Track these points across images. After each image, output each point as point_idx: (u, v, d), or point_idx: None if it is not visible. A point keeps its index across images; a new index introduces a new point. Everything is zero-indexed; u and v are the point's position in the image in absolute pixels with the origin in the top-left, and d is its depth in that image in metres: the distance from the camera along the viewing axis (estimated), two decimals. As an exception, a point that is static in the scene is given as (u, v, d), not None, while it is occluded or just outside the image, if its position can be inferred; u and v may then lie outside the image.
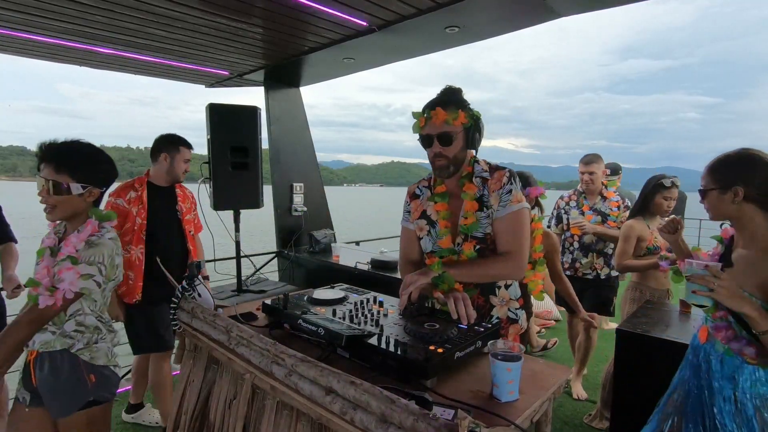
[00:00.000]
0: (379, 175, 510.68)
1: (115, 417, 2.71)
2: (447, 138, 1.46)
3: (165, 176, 2.46)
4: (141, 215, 2.36)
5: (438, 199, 1.57)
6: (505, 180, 1.48)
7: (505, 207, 1.47)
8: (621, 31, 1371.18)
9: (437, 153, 1.48)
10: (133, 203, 2.35)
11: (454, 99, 1.49)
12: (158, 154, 2.42)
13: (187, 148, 2.49)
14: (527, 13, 2.48)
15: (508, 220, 1.47)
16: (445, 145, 1.47)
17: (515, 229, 1.47)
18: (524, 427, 0.98)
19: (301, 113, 4.29)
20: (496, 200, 1.48)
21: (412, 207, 1.66)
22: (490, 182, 1.50)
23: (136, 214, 2.35)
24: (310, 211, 4.22)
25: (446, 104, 1.46)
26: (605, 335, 4.08)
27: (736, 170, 1.30)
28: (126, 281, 2.34)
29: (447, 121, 1.44)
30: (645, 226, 2.52)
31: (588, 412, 2.78)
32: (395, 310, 1.46)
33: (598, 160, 3.00)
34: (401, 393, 0.91)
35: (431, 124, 1.47)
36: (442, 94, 1.51)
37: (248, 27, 2.74)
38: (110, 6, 2.40)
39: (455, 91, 1.52)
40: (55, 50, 3.23)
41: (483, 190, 1.50)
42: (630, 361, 1.96)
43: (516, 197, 1.47)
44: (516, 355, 1.07)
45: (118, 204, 2.31)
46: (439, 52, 3.23)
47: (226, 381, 1.40)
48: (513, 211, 1.46)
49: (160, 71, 3.86)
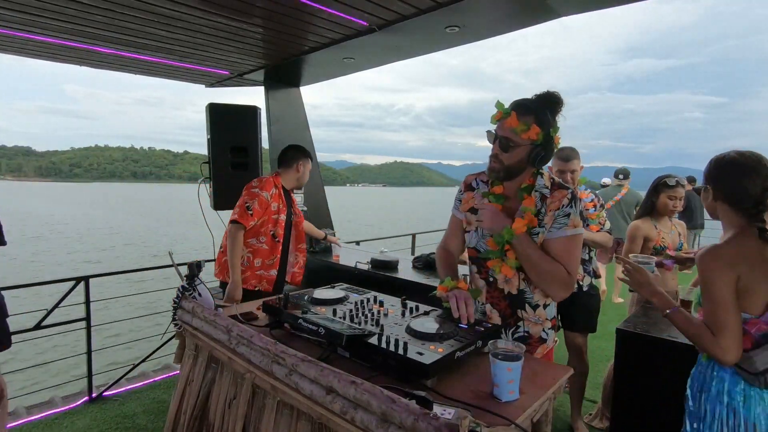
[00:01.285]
0: (382, 175, 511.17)
1: (115, 416, 2.72)
2: (507, 145, 1.40)
3: (294, 182, 2.74)
4: (282, 212, 2.62)
5: (493, 199, 1.50)
6: (565, 202, 1.41)
7: (560, 230, 1.41)
8: (626, 31, 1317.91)
9: (494, 154, 1.44)
10: (274, 199, 2.58)
11: (538, 110, 1.39)
12: (293, 162, 2.69)
13: (312, 160, 2.82)
14: (527, 12, 2.47)
15: (561, 244, 1.41)
16: (504, 151, 1.41)
17: (566, 253, 1.41)
18: (524, 426, 0.98)
19: (302, 113, 4.29)
20: (550, 220, 1.42)
21: (465, 197, 1.60)
22: (549, 200, 1.43)
23: (277, 210, 2.59)
24: (311, 211, 4.21)
25: (526, 112, 1.38)
26: (605, 335, 4.08)
27: (709, 171, 1.36)
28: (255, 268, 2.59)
29: (515, 129, 1.37)
30: (652, 226, 2.48)
31: (588, 412, 2.79)
32: (395, 309, 1.46)
33: (577, 155, 2.59)
34: (402, 392, 0.91)
35: (502, 123, 1.41)
36: (535, 100, 1.42)
37: (248, 27, 2.74)
38: (110, 5, 2.40)
39: (549, 101, 1.41)
40: (55, 50, 3.23)
41: (541, 207, 1.43)
42: (630, 361, 1.95)
43: (573, 222, 1.41)
44: (516, 354, 1.07)
45: (263, 195, 2.51)
46: (440, 51, 3.23)
47: (227, 380, 1.40)
48: (567, 236, 1.40)
49: (161, 71, 3.86)
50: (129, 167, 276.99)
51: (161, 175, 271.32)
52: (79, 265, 13.93)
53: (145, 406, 2.84)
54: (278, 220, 2.60)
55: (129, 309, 7.01)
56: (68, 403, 2.86)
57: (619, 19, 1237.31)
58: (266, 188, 2.54)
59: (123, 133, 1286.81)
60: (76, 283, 2.92)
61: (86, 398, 2.91)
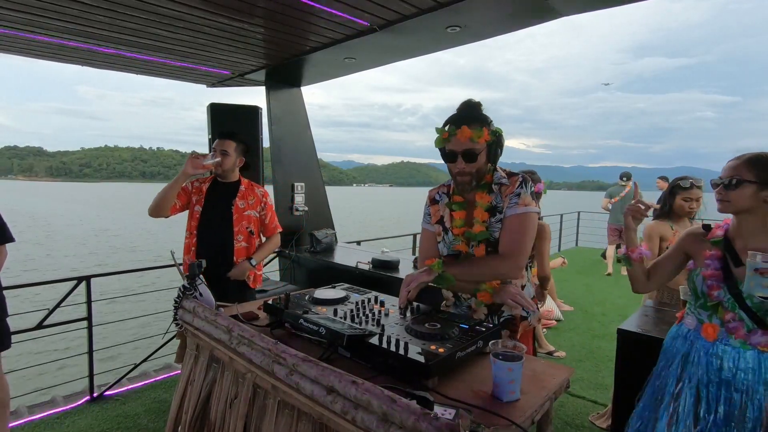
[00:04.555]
0: (389, 175, 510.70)
1: (116, 416, 2.72)
2: (472, 155, 1.47)
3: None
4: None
5: (456, 207, 1.61)
6: (517, 185, 1.52)
7: (511, 208, 1.50)
8: (635, 29, 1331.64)
9: (461, 170, 1.51)
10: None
11: (478, 116, 1.50)
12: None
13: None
14: (528, 12, 2.47)
15: (511, 222, 1.50)
16: (470, 162, 1.49)
17: (516, 230, 1.49)
18: (525, 427, 0.98)
19: (303, 113, 4.29)
20: (506, 203, 1.52)
21: (431, 211, 1.71)
22: (505, 188, 1.53)
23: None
24: (311, 210, 4.22)
25: (471, 121, 1.47)
26: (607, 335, 4.09)
27: (760, 169, 1.34)
28: None
29: (472, 138, 1.45)
30: (668, 227, 2.50)
31: (590, 412, 2.78)
32: (396, 309, 1.46)
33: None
34: (402, 393, 0.91)
35: (455, 140, 1.48)
36: (466, 110, 1.53)
37: (250, 27, 2.74)
38: (112, 6, 2.40)
39: (476, 106, 1.54)
40: (58, 50, 3.24)
41: (498, 196, 1.54)
42: (631, 361, 1.95)
43: (523, 200, 1.50)
44: (517, 355, 1.07)
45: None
46: (448, 51, 3.23)
47: (227, 380, 1.40)
48: (517, 213, 1.49)
49: (162, 71, 3.86)
50: (138, 167, 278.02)
51: (170, 174, 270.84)
52: (79, 265, 13.96)
53: (147, 406, 2.84)
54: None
55: (129, 309, 7.02)
56: (69, 402, 2.87)
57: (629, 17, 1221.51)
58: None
59: (132, 133, 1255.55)
60: (78, 283, 2.93)
61: (87, 398, 2.92)
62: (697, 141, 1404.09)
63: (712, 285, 1.40)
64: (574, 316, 4.76)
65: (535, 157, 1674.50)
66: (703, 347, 1.43)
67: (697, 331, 1.46)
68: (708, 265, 1.43)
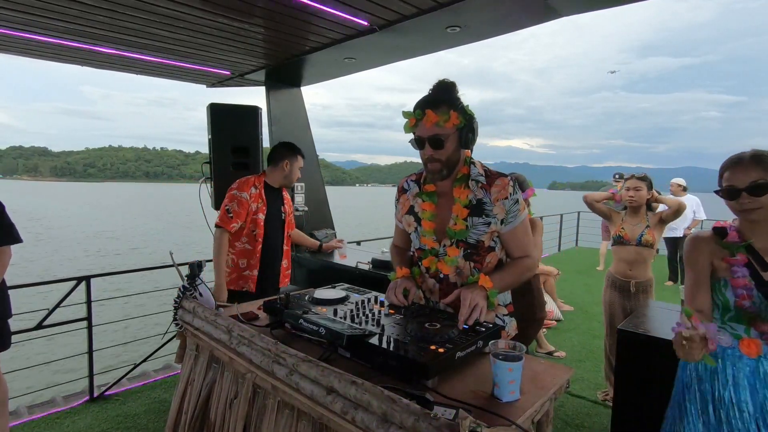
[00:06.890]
0: (392, 175, 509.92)
1: (116, 416, 2.72)
2: (438, 141, 1.39)
3: (281, 180, 2.72)
4: (262, 211, 2.62)
5: (425, 198, 1.53)
6: (511, 190, 1.44)
7: (516, 218, 1.47)
8: (640, 29, 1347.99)
9: (429, 156, 1.42)
10: (254, 199, 2.58)
11: (446, 98, 1.40)
12: (279, 160, 2.67)
13: (303, 157, 2.77)
14: (528, 12, 2.47)
15: (521, 230, 1.49)
16: (437, 149, 1.40)
17: (525, 232, 1.51)
18: (525, 427, 0.98)
19: (302, 113, 4.29)
20: (501, 210, 1.44)
21: (401, 202, 1.63)
22: (493, 189, 1.44)
23: (256, 210, 2.58)
24: (311, 210, 4.22)
25: (437, 105, 1.38)
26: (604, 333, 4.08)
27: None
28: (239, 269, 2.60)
29: (438, 123, 1.37)
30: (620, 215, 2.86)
31: (590, 412, 2.78)
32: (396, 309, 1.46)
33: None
34: (402, 393, 0.91)
35: (422, 125, 1.39)
36: (434, 92, 1.43)
37: (250, 27, 2.74)
38: (112, 6, 2.40)
39: (447, 87, 1.43)
40: (57, 50, 3.24)
41: (484, 197, 1.45)
42: (631, 361, 1.95)
43: (522, 205, 1.48)
44: (517, 355, 1.07)
45: (242, 197, 2.52)
46: (451, 51, 3.24)
47: (227, 380, 1.40)
48: (522, 220, 1.48)
49: (162, 71, 3.86)
50: (141, 167, 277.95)
51: (173, 174, 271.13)
52: (80, 265, 13.95)
53: (146, 406, 2.84)
54: (257, 219, 2.59)
55: (130, 309, 7.01)
56: (69, 402, 2.87)
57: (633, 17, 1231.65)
58: (245, 189, 2.56)
59: (136, 133, 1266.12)
60: (78, 283, 2.93)
61: (87, 398, 2.92)
62: (702, 141, 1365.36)
63: (742, 294, 1.30)
64: (574, 316, 4.76)
65: (539, 157, 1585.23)
66: (748, 365, 1.31)
67: (735, 349, 1.32)
68: (735, 273, 1.32)
